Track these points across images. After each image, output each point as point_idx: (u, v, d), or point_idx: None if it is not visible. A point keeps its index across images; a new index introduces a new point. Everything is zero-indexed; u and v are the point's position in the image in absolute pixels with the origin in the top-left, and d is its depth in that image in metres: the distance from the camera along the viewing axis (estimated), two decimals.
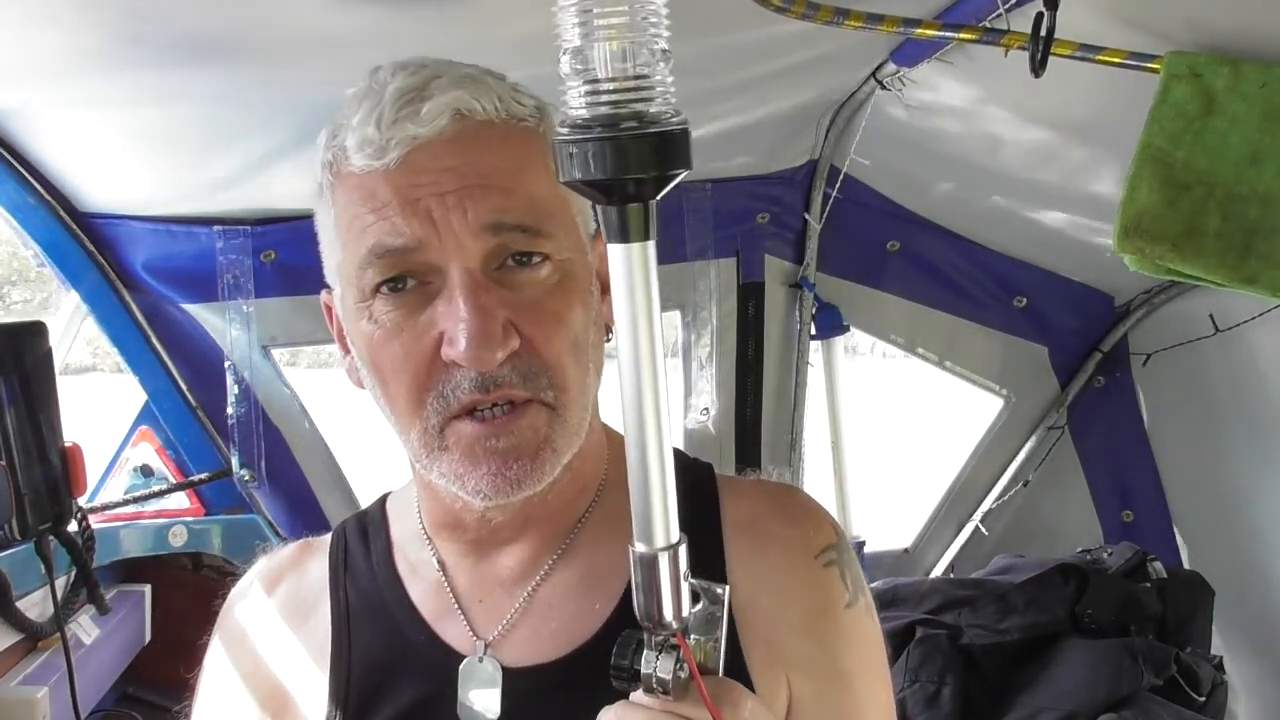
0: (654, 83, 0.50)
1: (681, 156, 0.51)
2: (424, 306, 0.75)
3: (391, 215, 0.74)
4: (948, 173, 2.03)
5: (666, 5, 0.50)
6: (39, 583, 1.62)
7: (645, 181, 0.51)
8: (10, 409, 1.47)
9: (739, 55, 1.50)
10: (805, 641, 0.83)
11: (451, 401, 0.75)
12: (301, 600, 0.92)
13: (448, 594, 0.87)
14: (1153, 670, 1.77)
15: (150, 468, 2.05)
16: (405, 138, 0.73)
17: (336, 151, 0.78)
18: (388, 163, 0.74)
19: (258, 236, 1.93)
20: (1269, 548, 2.00)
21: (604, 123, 0.49)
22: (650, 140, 0.50)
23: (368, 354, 0.79)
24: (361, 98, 0.76)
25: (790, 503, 0.90)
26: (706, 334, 2.21)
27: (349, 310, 0.80)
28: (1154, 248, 1.11)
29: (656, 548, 0.56)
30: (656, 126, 0.50)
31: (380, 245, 0.74)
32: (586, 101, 0.50)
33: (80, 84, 1.36)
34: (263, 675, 0.90)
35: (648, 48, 0.50)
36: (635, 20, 0.49)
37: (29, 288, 12.60)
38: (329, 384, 2.21)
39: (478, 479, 0.76)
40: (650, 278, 0.53)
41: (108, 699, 1.96)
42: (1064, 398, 2.29)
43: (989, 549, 2.30)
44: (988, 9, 1.19)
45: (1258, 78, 1.06)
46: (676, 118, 0.51)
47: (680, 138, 0.51)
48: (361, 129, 0.75)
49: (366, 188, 0.75)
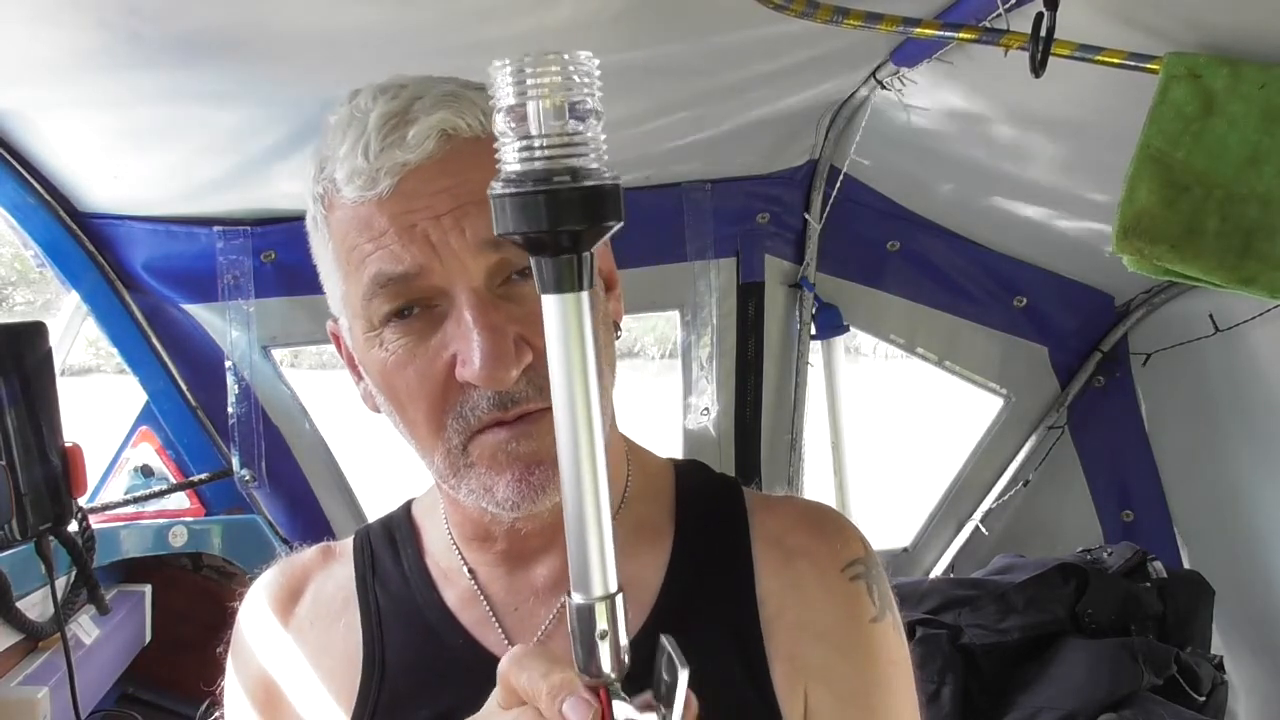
0: (586, 139, 0.51)
1: (613, 209, 0.52)
2: (434, 330, 0.75)
3: (390, 243, 0.74)
4: (948, 173, 2.03)
5: (599, 66, 0.52)
6: (39, 583, 1.62)
7: (578, 234, 0.52)
8: (10, 409, 1.47)
9: (739, 55, 1.50)
10: (827, 652, 0.82)
11: (471, 421, 0.75)
12: (328, 604, 0.92)
13: (482, 602, 0.87)
14: (1153, 670, 1.77)
15: (150, 468, 2.05)
16: (395, 165, 0.73)
17: (326, 184, 0.78)
18: (380, 191, 0.74)
19: (258, 236, 1.93)
20: (1269, 548, 2.00)
21: (537, 178, 0.51)
22: (582, 194, 0.51)
23: (382, 381, 0.79)
24: (345, 127, 0.76)
25: (820, 518, 0.90)
26: (706, 334, 2.21)
27: (358, 340, 0.80)
28: (1153, 248, 1.11)
29: (594, 597, 0.55)
30: (589, 180, 0.51)
31: (382, 274, 0.74)
32: (520, 157, 0.51)
33: (80, 84, 1.36)
34: (290, 684, 0.89)
35: (580, 106, 0.51)
36: (568, 80, 0.51)
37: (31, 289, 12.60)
38: (329, 385, 2.21)
39: (504, 488, 0.76)
40: (584, 329, 0.53)
41: (108, 699, 1.97)
42: (1064, 397, 2.29)
43: (989, 549, 2.30)
44: (987, 9, 1.19)
45: (1257, 78, 1.06)
46: (609, 173, 0.52)
47: (612, 191, 0.52)
48: (350, 160, 0.74)
49: (362, 218, 0.75)
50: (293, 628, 0.92)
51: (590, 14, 1.26)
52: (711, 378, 2.22)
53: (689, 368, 2.24)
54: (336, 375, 0.93)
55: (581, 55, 0.51)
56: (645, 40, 1.38)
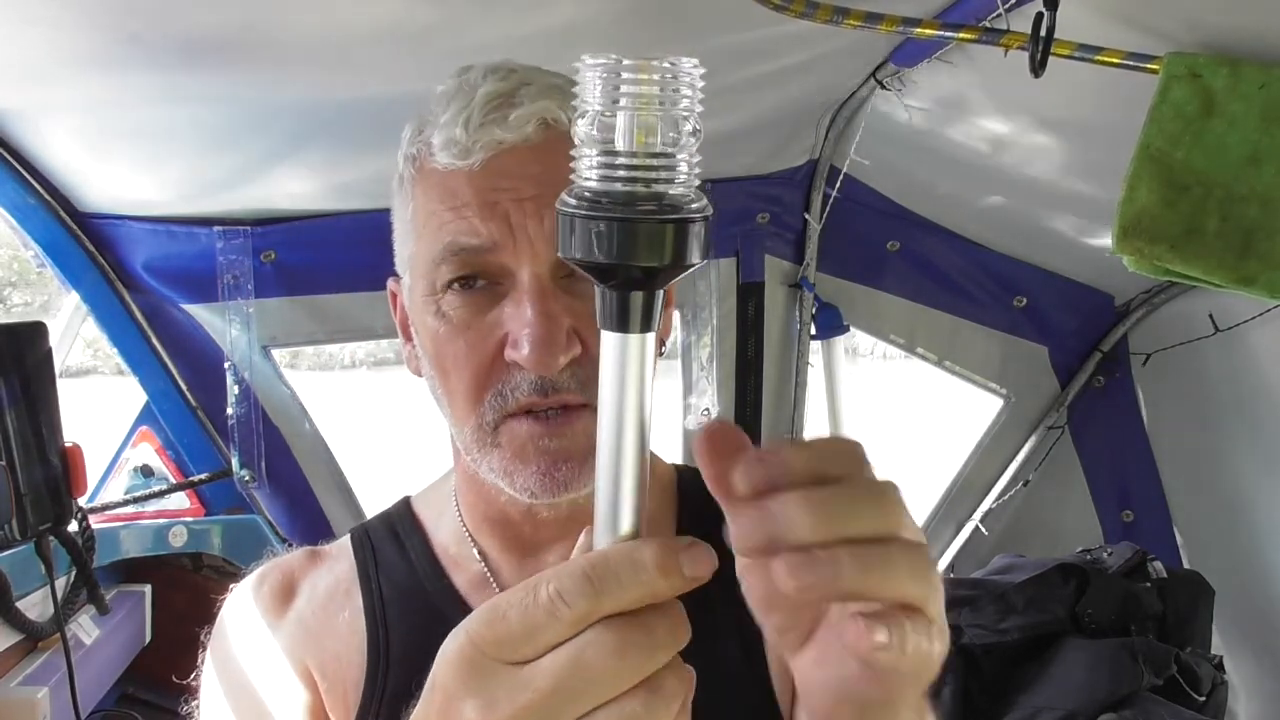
0: (679, 161, 0.45)
1: (698, 247, 0.45)
2: (492, 306, 0.77)
3: (470, 215, 0.76)
4: (948, 173, 2.03)
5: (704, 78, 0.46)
6: (39, 583, 1.62)
7: (655, 271, 0.44)
8: (10, 409, 1.47)
9: (739, 55, 1.50)
10: None
11: (510, 401, 0.77)
12: (327, 598, 0.92)
13: (493, 586, 0.88)
14: (1153, 670, 1.77)
15: (150, 468, 2.05)
16: (491, 141, 0.75)
17: (421, 147, 0.80)
18: (471, 164, 0.76)
19: (258, 236, 1.93)
20: (1269, 548, 2.00)
21: (616, 200, 0.44)
22: (668, 227, 0.44)
23: (432, 346, 0.80)
24: (450, 97, 0.78)
25: None
26: (706, 334, 2.21)
27: (416, 301, 0.81)
28: (1153, 248, 1.11)
29: None
30: (676, 213, 0.44)
31: (456, 243, 0.76)
32: (600, 174, 0.44)
33: (80, 84, 1.36)
34: (283, 680, 0.89)
35: (679, 122, 0.45)
36: (668, 92, 0.44)
37: (30, 290, 12.61)
38: (328, 386, 2.21)
39: (526, 477, 0.77)
40: (645, 374, 0.46)
41: (108, 699, 1.96)
42: (1064, 397, 2.29)
43: (989, 549, 2.30)
44: (987, 9, 1.19)
45: (1257, 78, 1.07)
46: (698, 203, 0.45)
47: (701, 227, 0.45)
48: (449, 128, 0.76)
49: (448, 186, 0.77)
50: (291, 620, 0.91)
51: (591, 15, 1.26)
52: (711, 378, 2.22)
53: (689, 368, 2.24)
54: (337, 377, 0.93)
55: (686, 64, 0.45)
56: (645, 41, 1.38)
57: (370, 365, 17.89)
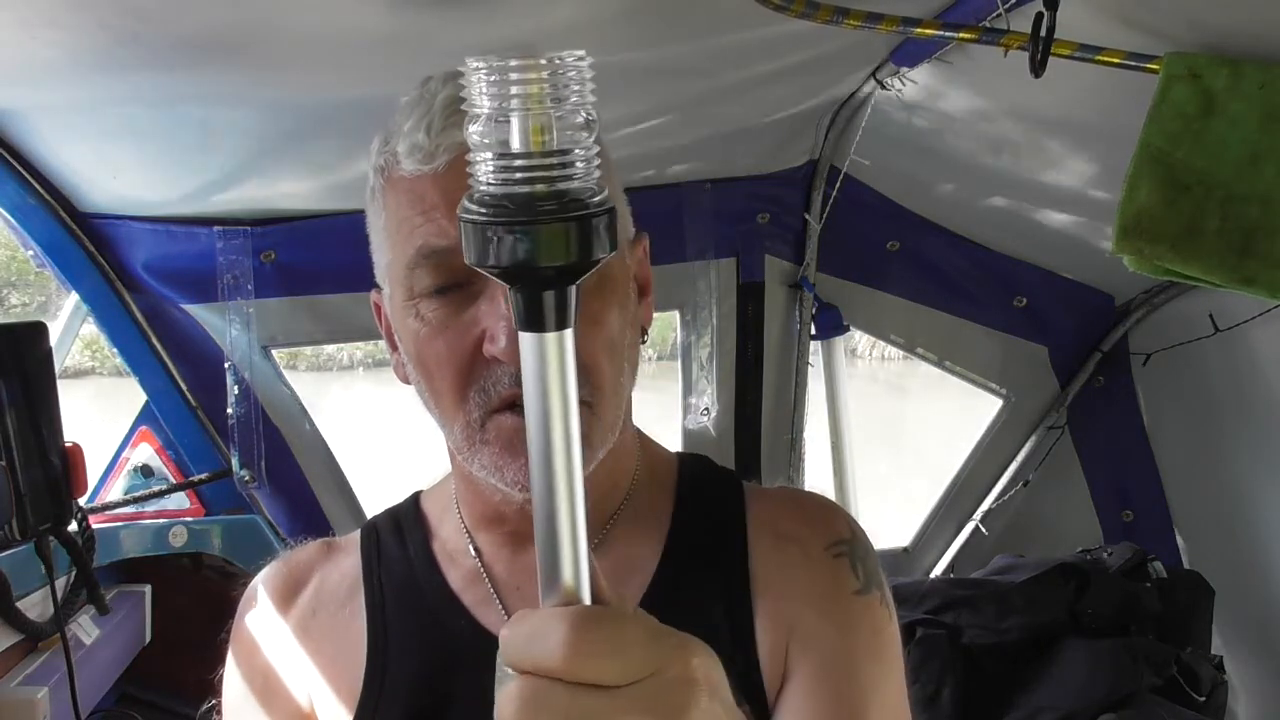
0: (576, 157, 0.44)
1: (603, 240, 0.45)
2: (468, 306, 0.78)
3: (439, 217, 0.77)
4: (948, 173, 2.03)
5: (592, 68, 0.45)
6: (39, 583, 1.62)
7: (564, 269, 0.45)
8: (10, 409, 1.47)
9: (739, 55, 1.50)
10: (810, 618, 0.86)
11: (493, 396, 0.78)
12: (333, 594, 0.94)
13: (485, 582, 0.89)
14: (1153, 670, 1.77)
15: (150, 468, 2.05)
16: (453, 144, 0.76)
17: (388, 157, 0.81)
18: (436, 166, 0.77)
19: (257, 237, 1.93)
20: (1269, 548, 2.00)
21: (518, 202, 0.43)
22: (571, 225, 0.44)
23: (414, 350, 0.82)
24: (413, 106, 0.80)
25: (808, 503, 0.95)
26: (706, 334, 2.21)
27: (397, 308, 0.83)
28: (1153, 248, 1.11)
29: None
30: (578, 209, 0.44)
31: (427, 246, 0.78)
32: (497, 178, 0.44)
33: (80, 84, 1.36)
34: (294, 674, 0.91)
35: (571, 118, 0.44)
36: (558, 88, 0.43)
37: (29, 291, 12.60)
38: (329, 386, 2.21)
39: (515, 470, 0.79)
40: (566, 370, 0.47)
41: (108, 699, 1.97)
42: (1064, 397, 2.29)
43: (989, 549, 2.30)
44: (987, 9, 1.19)
45: (1257, 78, 1.06)
46: (599, 195, 0.45)
47: (605, 220, 0.45)
48: (412, 135, 0.78)
49: (415, 191, 0.79)
50: (293, 618, 0.93)
51: (590, 14, 1.26)
52: (711, 378, 2.22)
53: (689, 368, 2.24)
54: (337, 378, 0.93)
55: (570, 57, 0.44)
56: (645, 40, 1.38)
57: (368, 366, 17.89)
